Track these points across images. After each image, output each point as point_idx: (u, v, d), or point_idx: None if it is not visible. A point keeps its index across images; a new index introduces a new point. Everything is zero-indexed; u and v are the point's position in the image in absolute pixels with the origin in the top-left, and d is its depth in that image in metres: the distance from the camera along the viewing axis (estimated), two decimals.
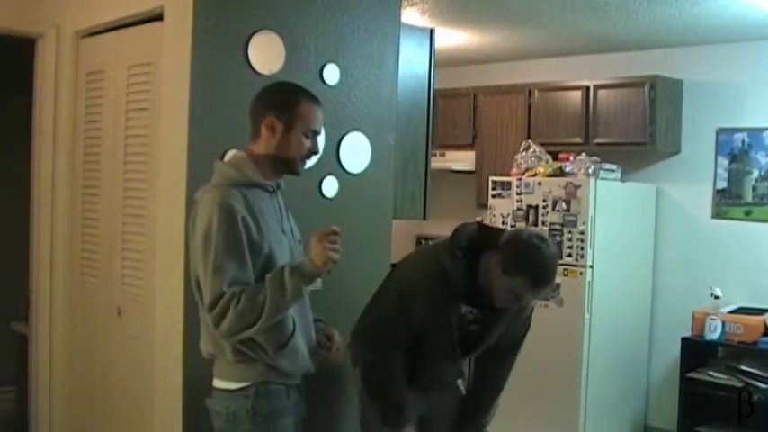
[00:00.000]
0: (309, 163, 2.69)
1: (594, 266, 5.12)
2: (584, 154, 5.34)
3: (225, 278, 2.32)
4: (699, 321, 5.02)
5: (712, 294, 5.13)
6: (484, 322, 2.90)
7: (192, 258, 2.45)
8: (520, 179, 5.44)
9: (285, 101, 2.50)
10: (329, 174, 3.35)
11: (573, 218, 5.15)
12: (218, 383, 2.50)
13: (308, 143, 2.51)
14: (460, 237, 2.83)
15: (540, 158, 5.50)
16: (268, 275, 2.37)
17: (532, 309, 3.09)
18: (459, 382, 3.18)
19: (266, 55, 3.13)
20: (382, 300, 2.96)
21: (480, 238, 2.82)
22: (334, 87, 3.34)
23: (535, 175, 5.41)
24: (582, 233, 5.10)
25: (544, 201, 5.29)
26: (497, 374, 3.13)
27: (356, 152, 3.44)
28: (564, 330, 5.14)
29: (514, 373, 3.21)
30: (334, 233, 2.40)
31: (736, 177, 5.32)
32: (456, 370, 3.12)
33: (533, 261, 2.67)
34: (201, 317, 2.46)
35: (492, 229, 2.96)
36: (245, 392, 2.44)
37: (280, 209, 2.56)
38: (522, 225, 5.40)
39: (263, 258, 2.41)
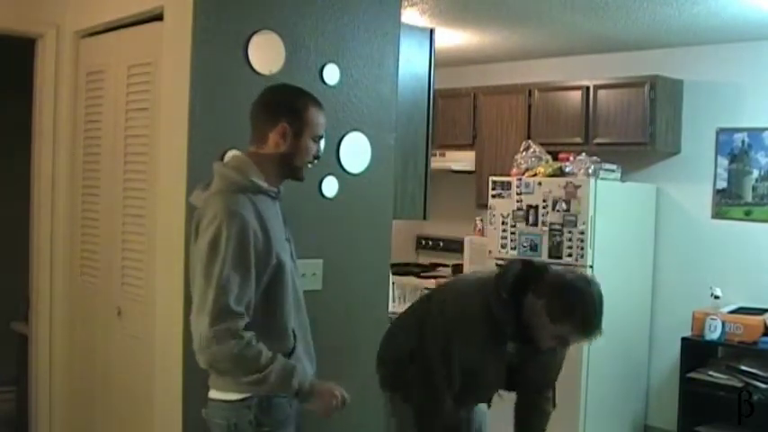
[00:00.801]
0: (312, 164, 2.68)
1: (594, 266, 5.12)
2: (584, 154, 5.34)
3: (231, 293, 2.25)
4: (699, 321, 5.02)
5: (712, 294, 5.13)
6: (522, 356, 2.82)
7: (193, 264, 2.39)
8: (520, 179, 5.44)
9: (296, 107, 2.47)
10: (329, 174, 3.35)
11: (573, 218, 5.15)
12: (216, 395, 2.44)
13: (314, 148, 2.50)
14: (506, 277, 2.73)
15: (540, 158, 5.50)
16: (283, 360, 2.33)
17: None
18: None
19: (266, 55, 3.13)
20: (427, 340, 2.82)
21: (525, 277, 2.71)
22: (334, 87, 3.34)
23: (535, 175, 5.41)
24: (582, 233, 5.10)
25: (544, 201, 5.29)
26: (538, 415, 3.05)
27: (356, 152, 3.44)
28: None
29: None
30: (344, 404, 2.50)
31: (736, 177, 5.32)
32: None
33: (580, 306, 2.61)
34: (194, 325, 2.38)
35: (536, 266, 2.80)
36: (246, 403, 2.39)
37: (281, 214, 2.52)
38: (522, 225, 5.40)
39: (272, 269, 2.36)
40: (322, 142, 2.59)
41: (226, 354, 2.25)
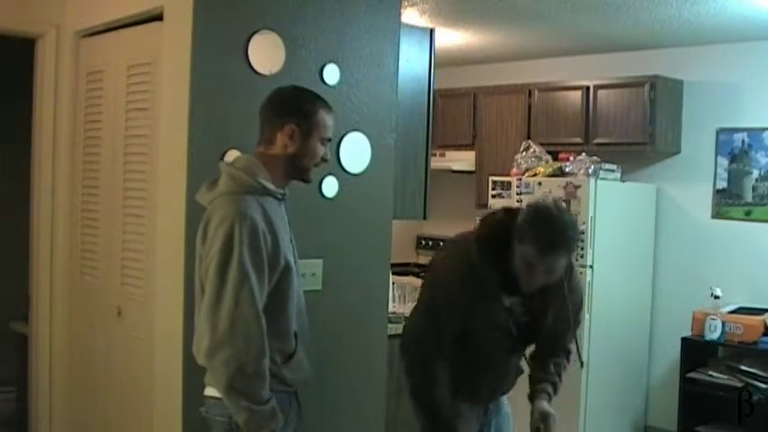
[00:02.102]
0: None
1: (594, 266, 5.12)
2: (584, 154, 5.34)
3: (247, 295, 2.26)
4: (699, 321, 5.02)
5: (712, 294, 5.13)
6: (532, 311, 2.78)
7: (204, 266, 2.36)
8: (520, 179, 5.44)
9: (306, 109, 2.48)
10: (329, 174, 3.34)
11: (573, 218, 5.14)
12: (215, 392, 2.40)
13: (322, 150, 2.50)
14: (482, 228, 2.76)
15: (540, 158, 5.51)
16: (273, 404, 2.31)
17: (578, 283, 2.93)
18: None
19: (266, 55, 3.13)
20: (416, 311, 2.88)
21: (508, 225, 2.68)
22: (334, 87, 3.34)
23: (535, 175, 5.41)
24: (582, 233, 5.09)
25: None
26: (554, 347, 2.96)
27: (356, 152, 3.44)
28: None
29: None
30: None
31: (736, 177, 5.32)
32: (515, 369, 3.00)
33: (540, 225, 2.59)
34: (199, 322, 2.38)
35: (519, 211, 2.75)
36: None
37: (286, 216, 2.52)
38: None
39: (280, 271, 2.37)
40: (329, 145, 2.59)
41: (234, 360, 2.25)
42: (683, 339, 5.08)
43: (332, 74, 3.34)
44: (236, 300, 2.26)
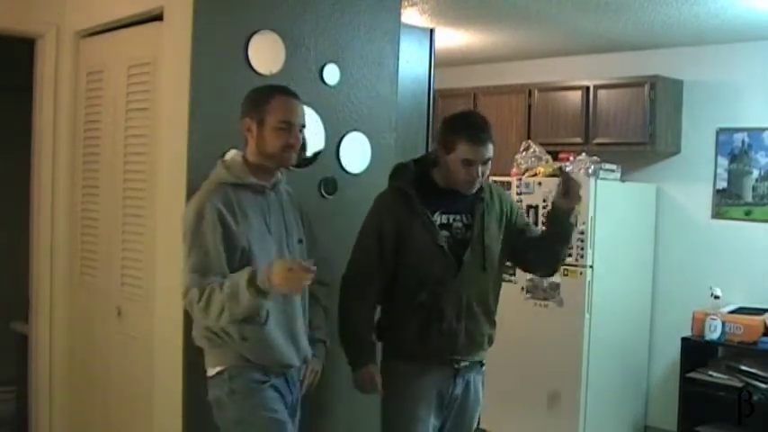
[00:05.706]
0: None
1: (594, 266, 5.12)
2: (584, 154, 5.34)
3: (190, 270, 2.46)
4: (699, 321, 5.02)
5: (712, 294, 5.13)
6: (470, 224, 2.97)
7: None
8: (520, 179, 5.44)
9: (255, 100, 2.61)
10: (329, 173, 3.35)
11: (573, 218, 5.14)
12: (207, 372, 2.61)
13: (282, 135, 2.57)
14: (392, 171, 3.04)
15: (540, 158, 5.50)
16: (228, 282, 2.40)
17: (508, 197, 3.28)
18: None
19: (266, 55, 3.13)
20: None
21: (416, 160, 3.03)
22: (334, 87, 3.34)
23: (535, 175, 5.41)
24: (582, 233, 5.09)
25: (544, 201, 5.29)
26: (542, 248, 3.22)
27: (356, 152, 3.44)
28: (564, 330, 5.14)
29: (514, 372, 3.17)
30: (311, 272, 2.37)
31: (736, 177, 5.32)
32: (479, 306, 3.00)
33: (461, 123, 2.88)
34: None
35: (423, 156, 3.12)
36: (222, 376, 2.54)
37: (269, 207, 2.63)
38: None
39: (240, 252, 2.50)
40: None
41: (197, 315, 2.50)
42: (683, 339, 5.08)
43: (332, 74, 3.34)
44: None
